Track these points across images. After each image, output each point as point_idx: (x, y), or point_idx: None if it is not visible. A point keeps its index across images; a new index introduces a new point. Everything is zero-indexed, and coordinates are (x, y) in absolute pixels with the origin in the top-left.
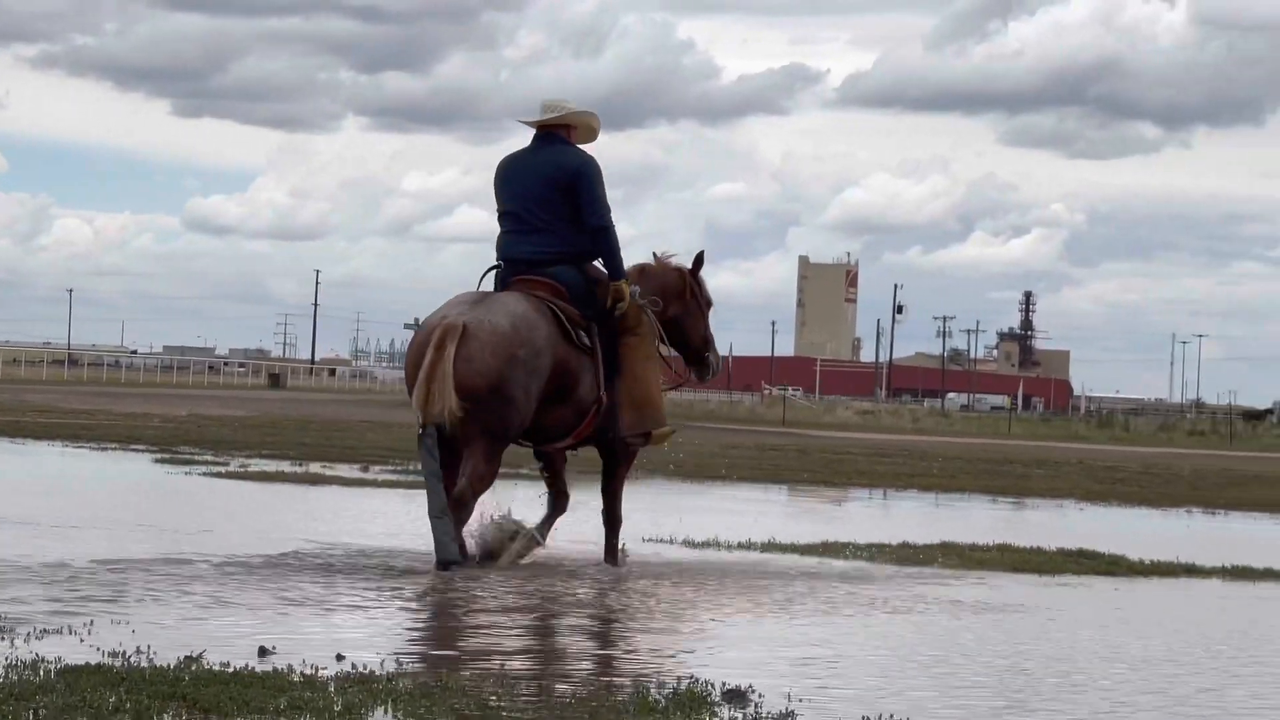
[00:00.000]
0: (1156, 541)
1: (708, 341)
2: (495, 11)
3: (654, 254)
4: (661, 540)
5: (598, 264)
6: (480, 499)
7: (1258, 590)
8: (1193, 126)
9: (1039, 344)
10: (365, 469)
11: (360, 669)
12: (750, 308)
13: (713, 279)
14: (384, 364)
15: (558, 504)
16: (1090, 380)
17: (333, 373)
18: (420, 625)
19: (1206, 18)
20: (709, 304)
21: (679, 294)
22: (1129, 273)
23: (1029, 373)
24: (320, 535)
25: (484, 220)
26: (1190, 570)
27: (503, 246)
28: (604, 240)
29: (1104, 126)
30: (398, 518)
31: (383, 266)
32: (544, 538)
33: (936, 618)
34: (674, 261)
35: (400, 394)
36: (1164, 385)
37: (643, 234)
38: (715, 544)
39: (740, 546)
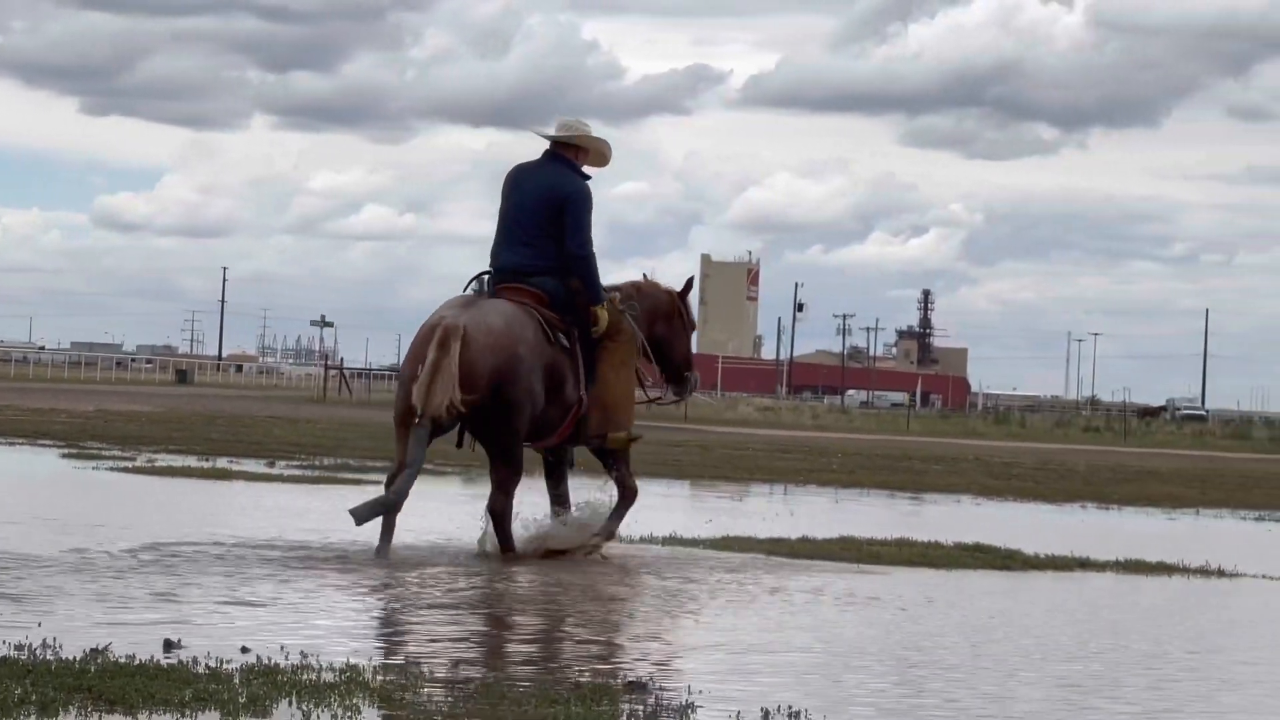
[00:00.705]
0: (1051, 536)
1: (688, 361)
2: (402, 12)
3: (644, 275)
4: None
5: None
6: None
7: (1150, 582)
8: (1089, 128)
9: (937, 342)
10: (271, 464)
11: (265, 661)
12: None
13: (616, 276)
14: (291, 360)
15: (624, 497)
16: (987, 377)
17: (240, 369)
18: (327, 619)
19: (1103, 20)
20: (693, 326)
21: (667, 315)
22: (1026, 272)
23: (927, 370)
24: (226, 529)
25: (390, 218)
26: (1084, 564)
27: (494, 255)
28: (583, 267)
29: (1002, 127)
30: (303, 512)
31: (290, 264)
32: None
33: (835, 611)
34: (664, 284)
35: (307, 389)
36: (1060, 382)
37: None
38: (617, 538)
39: (642, 540)
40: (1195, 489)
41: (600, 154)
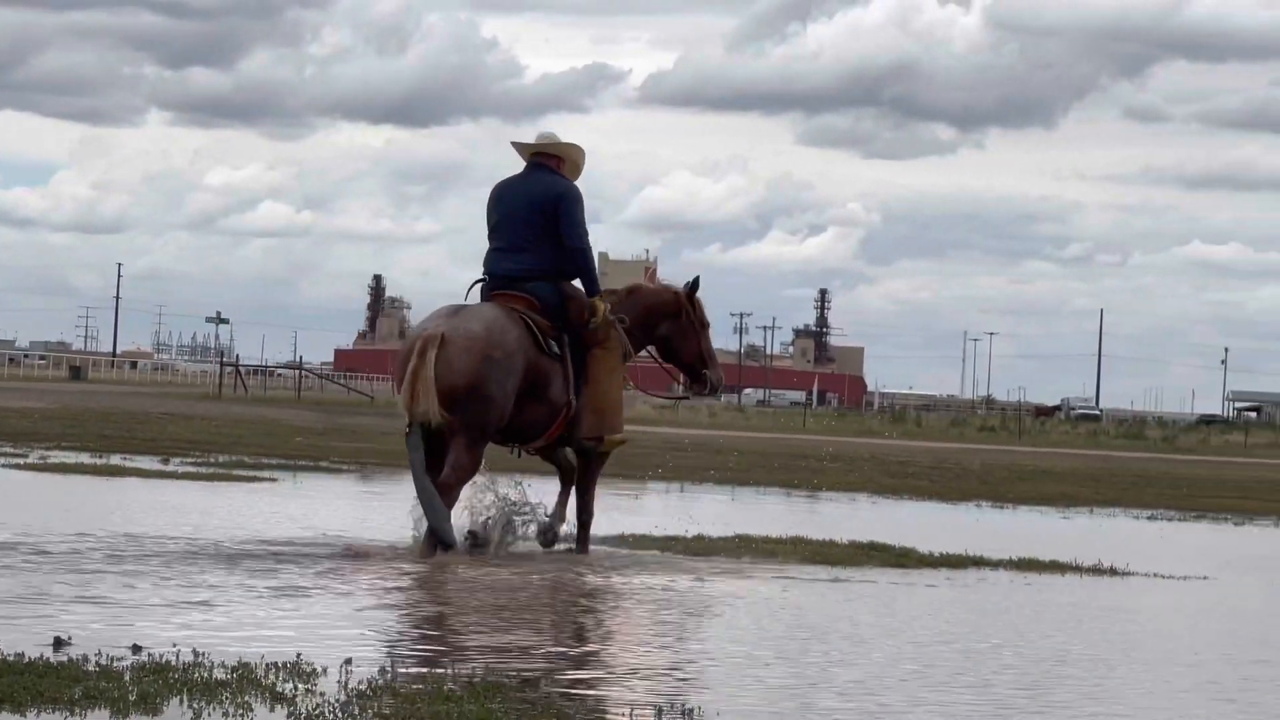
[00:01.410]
0: (946, 534)
1: (704, 359)
2: (300, 8)
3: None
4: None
5: (576, 282)
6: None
7: (1042, 580)
8: (986, 128)
9: (834, 341)
10: (166, 461)
11: (157, 659)
12: None
13: None
14: (186, 357)
15: (566, 488)
16: (884, 376)
17: (134, 365)
18: (219, 616)
19: (1000, 22)
20: (705, 325)
21: (671, 314)
22: (923, 271)
23: (824, 369)
24: (120, 526)
25: (288, 214)
26: (979, 562)
27: (489, 262)
28: (581, 260)
29: (900, 127)
30: (197, 509)
31: (185, 260)
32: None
33: (729, 609)
34: (671, 284)
35: (202, 386)
36: (956, 382)
37: (446, 230)
38: (516, 536)
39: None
40: (1089, 488)
41: (575, 164)
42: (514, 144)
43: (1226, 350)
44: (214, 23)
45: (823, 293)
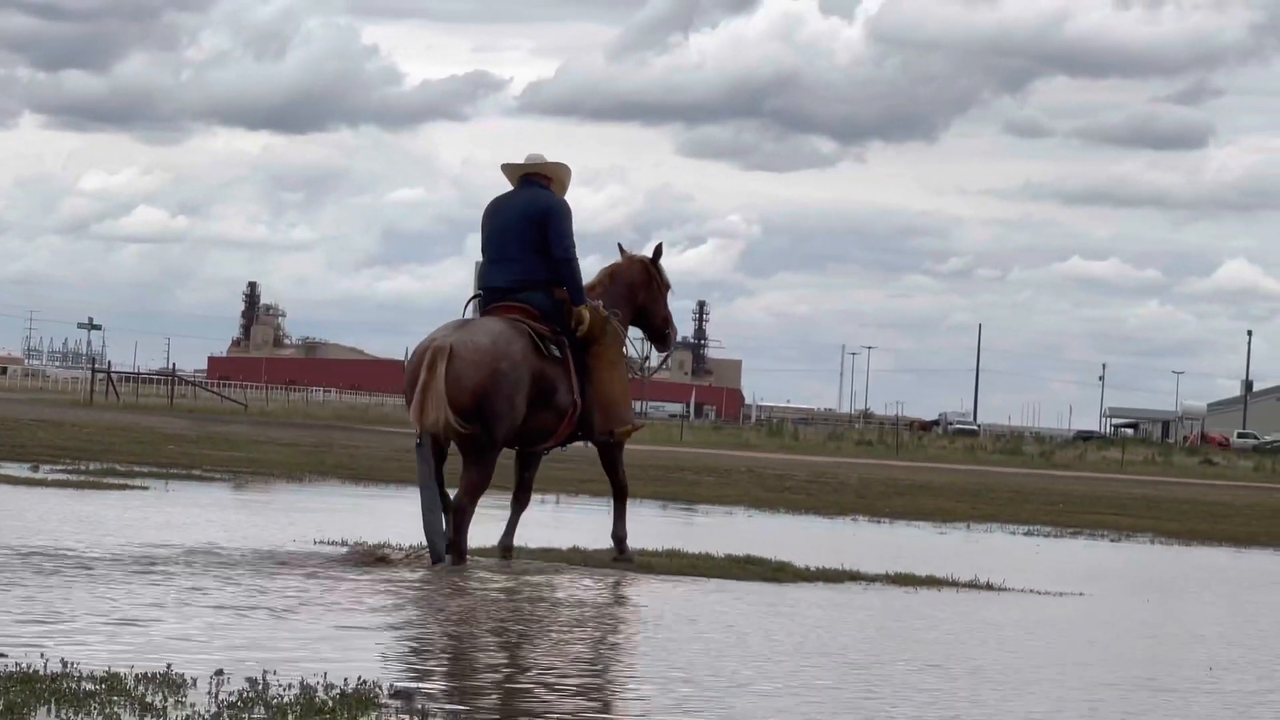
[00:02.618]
0: (823, 548)
1: (667, 320)
2: (177, 12)
3: (620, 245)
4: (332, 542)
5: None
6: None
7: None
8: (867, 141)
9: (712, 353)
10: (35, 468)
11: (24, 668)
12: (427, 311)
13: (391, 283)
14: (57, 363)
15: (520, 501)
16: (761, 389)
17: (4, 371)
18: (89, 625)
19: (883, 35)
20: (668, 287)
21: (645, 284)
22: (802, 284)
23: (702, 381)
24: None
25: (163, 220)
26: (854, 576)
27: (482, 275)
28: (567, 270)
29: (781, 139)
30: (68, 516)
31: (58, 265)
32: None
33: (603, 619)
34: (637, 254)
35: (74, 393)
36: (833, 395)
37: (322, 237)
38: (387, 545)
39: (412, 549)
40: (966, 503)
41: (562, 183)
42: (503, 166)
43: (1104, 366)
44: (89, 25)
45: (701, 305)
